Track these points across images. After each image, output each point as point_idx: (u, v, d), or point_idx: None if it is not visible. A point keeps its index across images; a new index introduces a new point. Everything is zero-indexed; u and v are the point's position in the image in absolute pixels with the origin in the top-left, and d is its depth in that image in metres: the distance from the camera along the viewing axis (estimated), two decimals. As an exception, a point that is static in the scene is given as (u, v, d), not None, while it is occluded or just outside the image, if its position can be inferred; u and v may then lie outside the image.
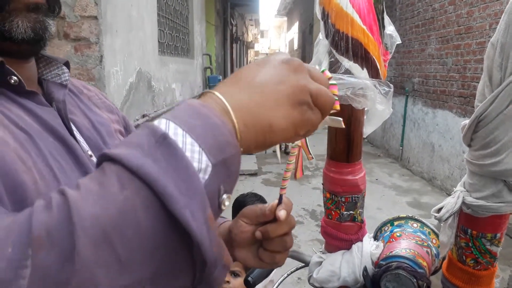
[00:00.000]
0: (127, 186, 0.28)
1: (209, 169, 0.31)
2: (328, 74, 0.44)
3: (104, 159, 0.30)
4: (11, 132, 0.45)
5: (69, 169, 0.50)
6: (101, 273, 0.27)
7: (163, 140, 0.30)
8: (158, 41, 2.82)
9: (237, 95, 0.34)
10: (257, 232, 0.51)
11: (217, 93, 0.34)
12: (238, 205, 1.62)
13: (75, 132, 0.56)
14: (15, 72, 0.49)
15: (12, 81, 0.49)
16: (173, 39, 3.47)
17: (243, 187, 4.87)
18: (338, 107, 0.43)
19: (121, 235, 0.27)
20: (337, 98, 0.43)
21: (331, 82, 0.43)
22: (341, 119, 0.45)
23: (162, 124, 0.31)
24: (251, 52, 27.00)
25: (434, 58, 5.06)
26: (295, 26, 17.84)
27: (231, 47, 10.17)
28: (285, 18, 23.89)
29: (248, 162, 5.74)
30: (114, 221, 0.27)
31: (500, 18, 0.70)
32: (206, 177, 0.30)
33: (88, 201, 0.28)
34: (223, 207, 0.33)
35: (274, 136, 0.35)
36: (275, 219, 0.50)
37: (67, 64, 0.61)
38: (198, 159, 0.30)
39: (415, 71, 5.66)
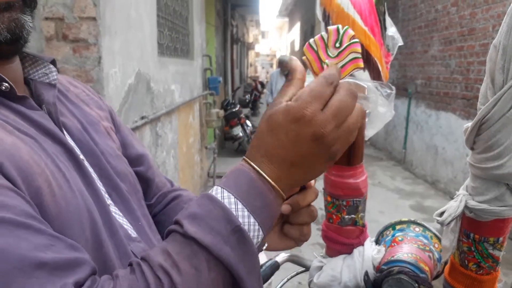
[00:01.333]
0: (213, 269, 0.39)
1: (261, 238, 0.42)
2: (351, 32, 0.47)
3: (186, 234, 0.39)
4: (18, 136, 0.46)
5: (72, 171, 0.50)
6: None
7: (238, 231, 0.39)
8: (158, 42, 2.82)
9: (280, 173, 0.43)
10: (284, 206, 0.52)
11: (263, 173, 0.42)
12: None
13: (66, 136, 0.55)
14: (6, 78, 0.48)
15: (3, 87, 0.48)
16: (173, 40, 3.47)
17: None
18: (361, 65, 0.47)
19: None
20: (359, 56, 0.46)
21: (353, 41, 0.46)
22: (364, 85, 0.49)
23: (232, 204, 0.40)
24: (251, 53, 27.07)
25: (437, 59, 5.05)
26: (297, 27, 17.87)
27: (231, 48, 10.18)
28: (287, 19, 23.95)
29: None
30: None
31: (503, 19, 0.69)
32: (259, 244, 0.42)
33: (187, 285, 0.37)
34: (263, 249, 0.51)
35: (312, 179, 0.48)
36: (300, 191, 0.53)
37: (53, 63, 0.59)
38: (257, 236, 0.41)
39: (418, 73, 5.65)
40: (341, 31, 0.46)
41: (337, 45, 0.48)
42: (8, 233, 0.36)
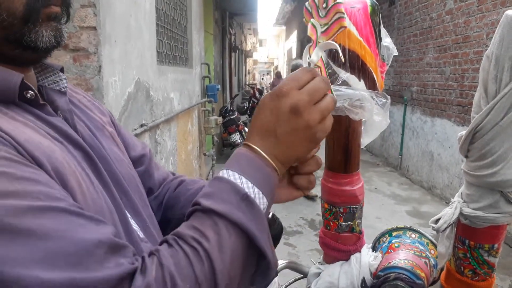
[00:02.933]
0: (232, 233, 0.46)
1: (267, 205, 0.50)
2: (342, 9, 0.53)
3: (204, 209, 0.46)
4: (51, 141, 0.49)
5: (92, 174, 0.53)
6: (223, 280, 0.44)
7: (246, 198, 0.47)
8: (157, 51, 2.84)
9: (271, 149, 0.50)
10: None
11: (259, 150, 0.50)
12: None
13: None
14: (32, 87, 0.51)
15: (29, 95, 0.50)
16: (172, 48, 3.49)
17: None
18: (345, 23, 0.53)
19: (233, 261, 0.45)
20: (344, 16, 0.53)
21: (337, 1, 0.52)
22: (334, 42, 0.54)
23: (237, 179, 0.48)
24: (249, 61, 27.14)
25: (432, 67, 5.10)
26: (294, 35, 17.96)
27: (229, 56, 10.22)
28: (284, 27, 24.07)
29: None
30: (231, 255, 0.45)
31: (496, 30, 0.71)
32: (265, 211, 0.49)
33: (216, 248, 0.44)
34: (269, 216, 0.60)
35: (300, 159, 0.56)
36: None
37: (62, 70, 0.61)
38: (263, 203, 0.49)
39: (414, 80, 5.69)
40: (332, 2, 0.52)
41: (324, 5, 0.55)
42: (67, 220, 0.41)
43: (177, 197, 0.76)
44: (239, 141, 6.74)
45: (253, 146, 0.50)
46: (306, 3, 0.57)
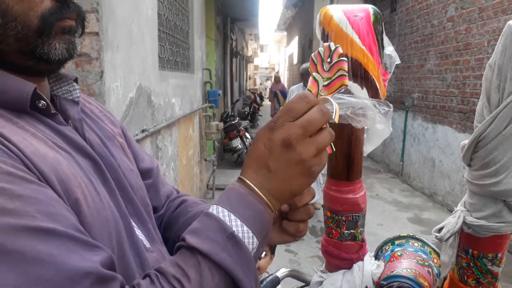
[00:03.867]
0: (215, 274, 0.44)
1: (256, 246, 0.47)
2: (340, 51, 0.52)
3: (188, 246, 0.45)
4: (57, 151, 0.49)
5: (100, 184, 0.54)
6: None
7: (232, 237, 0.45)
8: (159, 56, 2.85)
9: (263, 183, 0.48)
10: (283, 205, 0.56)
11: (251, 184, 0.48)
12: None
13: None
14: (44, 97, 0.52)
15: (40, 105, 0.51)
16: (174, 54, 3.50)
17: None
18: (346, 82, 0.52)
19: None
20: (346, 74, 0.51)
21: (341, 58, 0.51)
22: (334, 102, 0.52)
23: (226, 216, 0.46)
24: (250, 66, 27.21)
25: (434, 73, 5.10)
26: (295, 41, 18.03)
27: (231, 62, 10.25)
28: (285, 33, 24.18)
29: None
30: None
31: (498, 35, 0.71)
32: (255, 251, 0.47)
33: None
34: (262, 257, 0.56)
35: (296, 195, 0.51)
36: None
37: (76, 81, 0.62)
38: (252, 243, 0.47)
39: (415, 87, 5.70)
40: (332, 48, 0.51)
41: (329, 60, 0.53)
42: (60, 244, 0.40)
43: (176, 217, 0.75)
44: (240, 146, 6.75)
45: (246, 180, 0.48)
46: (312, 55, 0.56)
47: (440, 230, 0.83)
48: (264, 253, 1.50)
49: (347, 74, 0.49)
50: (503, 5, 3.64)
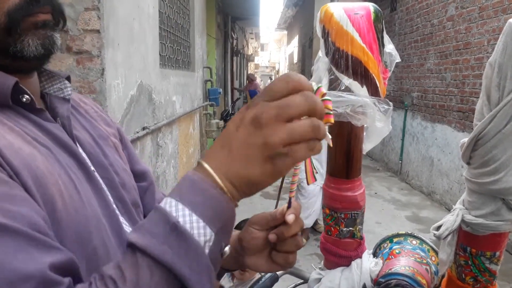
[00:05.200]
0: (155, 273, 0.39)
1: (212, 237, 0.41)
2: (323, 90, 0.46)
3: (129, 244, 0.40)
4: (35, 147, 0.48)
5: (83, 182, 0.53)
6: None
7: (175, 229, 0.39)
8: (160, 54, 2.85)
9: (222, 164, 0.41)
10: (271, 235, 0.53)
11: (207, 166, 0.42)
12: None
13: (78, 148, 0.57)
14: (28, 91, 0.51)
15: (24, 99, 0.51)
16: (174, 52, 3.50)
17: (241, 199, 4.85)
18: (332, 120, 0.46)
19: None
20: (331, 112, 0.45)
21: (325, 98, 0.46)
22: (329, 136, 0.46)
23: (172, 206, 0.40)
24: (251, 65, 27.19)
25: (433, 73, 5.10)
26: (295, 40, 18.01)
27: (231, 60, 10.24)
28: (285, 32, 24.14)
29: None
30: None
31: (498, 34, 0.71)
32: (211, 244, 0.41)
33: None
34: (224, 255, 0.45)
35: (256, 186, 0.42)
36: (285, 222, 0.53)
37: (68, 79, 0.62)
38: (204, 233, 0.40)
39: (414, 86, 5.70)
40: (315, 88, 0.45)
41: None
42: (11, 244, 0.38)
43: None
44: (239, 144, 6.75)
45: (203, 163, 0.42)
46: None
47: (438, 228, 0.84)
48: None
49: (331, 112, 0.45)
50: (503, 4, 3.64)
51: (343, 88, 0.72)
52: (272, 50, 41.77)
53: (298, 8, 15.32)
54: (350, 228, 0.82)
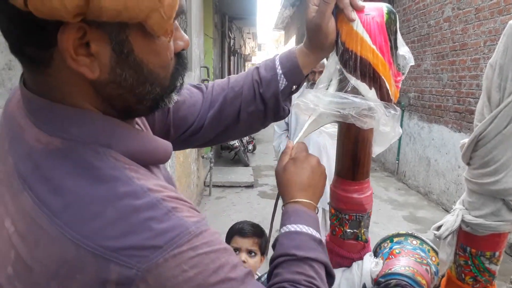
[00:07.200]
0: (322, 269, 0.63)
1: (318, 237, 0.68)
2: None
3: (301, 257, 0.62)
4: None
5: None
6: None
7: (320, 242, 0.66)
8: (158, 54, 2.83)
9: (311, 196, 0.72)
10: None
11: (307, 201, 0.71)
12: (231, 232, 1.61)
13: None
14: None
15: None
16: (172, 51, 3.48)
17: (239, 199, 4.85)
18: None
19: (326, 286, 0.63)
20: None
21: None
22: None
23: (308, 230, 0.66)
24: (248, 65, 27.17)
25: (430, 73, 5.13)
26: (292, 40, 18.01)
27: (228, 60, 10.23)
28: (283, 32, 24.13)
29: (244, 174, 5.73)
30: (325, 284, 0.63)
31: (494, 35, 0.71)
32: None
33: (321, 282, 0.61)
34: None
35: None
36: None
37: None
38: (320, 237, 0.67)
39: (411, 86, 5.72)
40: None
41: None
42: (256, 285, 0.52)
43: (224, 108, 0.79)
44: (237, 144, 6.74)
45: (304, 200, 0.70)
46: None
47: (438, 228, 0.84)
48: (253, 253, 1.55)
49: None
50: (499, 6, 3.66)
51: (350, 88, 0.71)
52: (269, 50, 41.78)
53: (295, 8, 15.32)
54: (354, 230, 0.82)
